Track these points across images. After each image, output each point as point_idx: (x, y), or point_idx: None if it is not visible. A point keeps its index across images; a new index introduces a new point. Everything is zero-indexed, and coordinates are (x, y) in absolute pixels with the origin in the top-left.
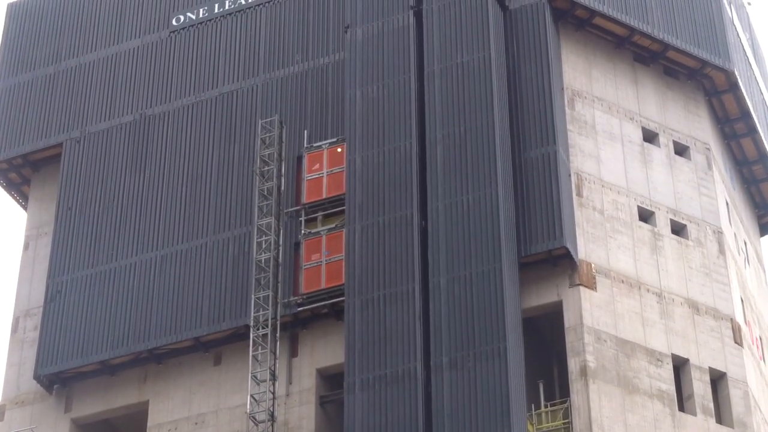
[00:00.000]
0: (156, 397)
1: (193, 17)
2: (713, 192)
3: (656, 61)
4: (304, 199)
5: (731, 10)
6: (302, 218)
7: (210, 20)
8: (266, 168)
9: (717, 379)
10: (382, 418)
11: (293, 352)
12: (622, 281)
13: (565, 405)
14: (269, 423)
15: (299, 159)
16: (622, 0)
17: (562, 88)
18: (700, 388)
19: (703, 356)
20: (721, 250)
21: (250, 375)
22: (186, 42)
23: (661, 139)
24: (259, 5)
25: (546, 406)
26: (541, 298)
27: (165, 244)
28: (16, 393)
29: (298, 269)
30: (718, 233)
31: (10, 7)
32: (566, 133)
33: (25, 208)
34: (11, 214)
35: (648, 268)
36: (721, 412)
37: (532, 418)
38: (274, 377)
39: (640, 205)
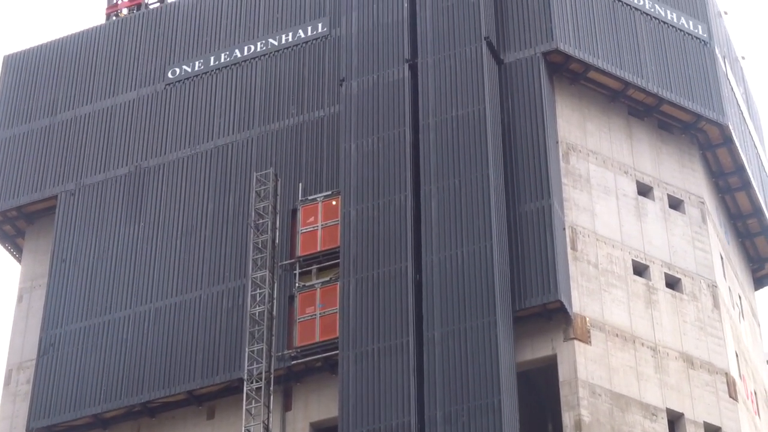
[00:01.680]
0: None
1: (189, 70)
2: (708, 246)
3: (651, 114)
4: (299, 252)
5: (725, 64)
6: (297, 271)
7: (206, 73)
8: (261, 221)
9: None
10: None
11: (287, 406)
12: (617, 335)
13: None
14: None
15: (294, 212)
16: (617, 54)
17: (557, 142)
18: None
19: (698, 411)
20: (716, 304)
21: (243, 429)
22: (182, 94)
23: (656, 192)
24: (254, 58)
25: None
26: (535, 351)
27: (159, 297)
28: None
29: (292, 322)
30: (713, 287)
31: (7, 58)
32: (561, 186)
33: (19, 260)
34: (5, 267)
35: (642, 322)
36: None
37: None
38: (267, 431)
39: (634, 258)
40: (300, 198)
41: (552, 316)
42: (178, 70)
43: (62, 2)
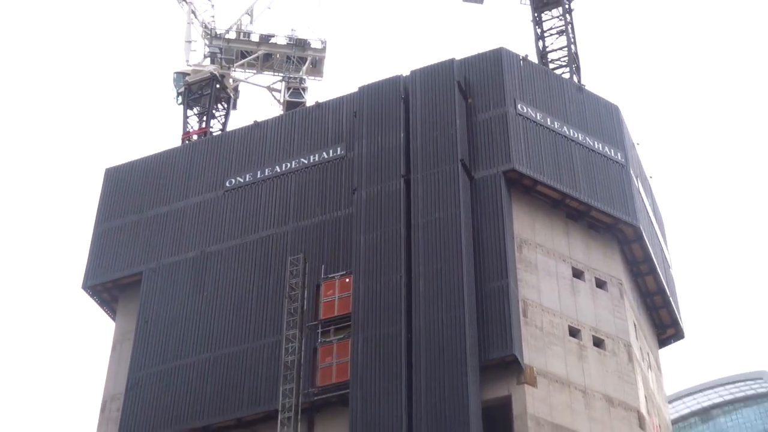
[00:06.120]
0: None
1: (242, 180)
2: (624, 315)
3: (583, 218)
4: (321, 316)
5: (638, 181)
6: (319, 330)
7: (254, 183)
8: (293, 293)
9: None
10: None
11: (310, 430)
12: (557, 381)
13: None
14: None
15: (318, 286)
16: (557, 173)
17: (513, 237)
18: None
19: None
20: (630, 359)
21: None
22: (236, 199)
23: (586, 275)
24: (290, 173)
25: None
26: (495, 392)
27: (217, 348)
28: None
29: (315, 368)
30: (628, 346)
31: (108, 171)
32: (516, 270)
33: (113, 319)
34: (103, 324)
35: (576, 371)
36: None
37: None
38: None
39: (570, 324)
40: (322, 276)
41: (508, 366)
42: (233, 181)
43: (149, 130)
